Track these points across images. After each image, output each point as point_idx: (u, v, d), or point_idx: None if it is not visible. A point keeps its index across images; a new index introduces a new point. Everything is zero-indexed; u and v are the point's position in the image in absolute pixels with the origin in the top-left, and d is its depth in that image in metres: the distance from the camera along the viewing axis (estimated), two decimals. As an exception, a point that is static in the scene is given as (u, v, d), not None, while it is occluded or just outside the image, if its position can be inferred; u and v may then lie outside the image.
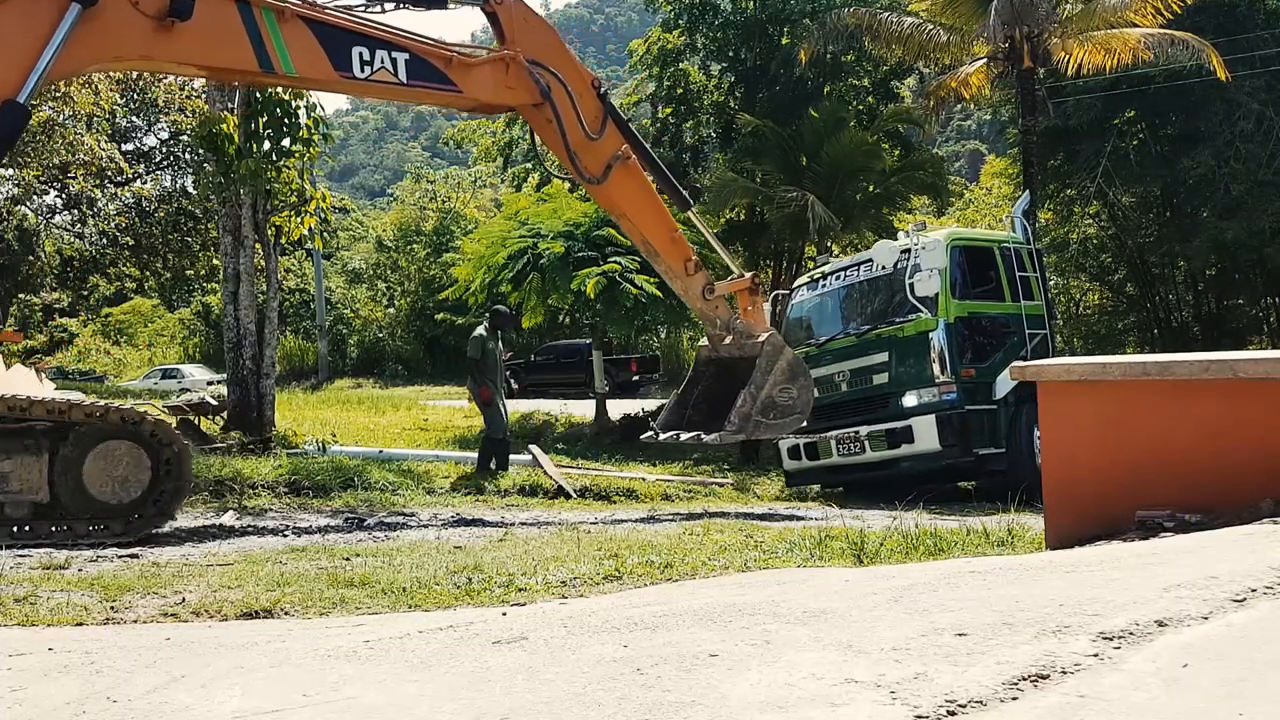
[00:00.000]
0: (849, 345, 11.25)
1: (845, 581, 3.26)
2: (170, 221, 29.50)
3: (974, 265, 10.87)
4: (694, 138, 25.57)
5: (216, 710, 2.14)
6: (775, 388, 9.10)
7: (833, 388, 11.24)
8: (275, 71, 7.18)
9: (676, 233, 9.34)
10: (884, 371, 10.76)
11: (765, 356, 9.07)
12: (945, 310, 10.34)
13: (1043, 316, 11.11)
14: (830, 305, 12.07)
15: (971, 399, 10.26)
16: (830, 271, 12.10)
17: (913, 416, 10.33)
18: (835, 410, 11.13)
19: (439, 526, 7.67)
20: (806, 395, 9.38)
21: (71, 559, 5.40)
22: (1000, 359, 10.40)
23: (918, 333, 10.42)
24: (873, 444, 10.68)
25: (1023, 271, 11.03)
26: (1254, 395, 3.91)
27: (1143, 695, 1.73)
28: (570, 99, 8.37)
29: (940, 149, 45.69)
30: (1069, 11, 17.96)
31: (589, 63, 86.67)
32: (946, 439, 10.10)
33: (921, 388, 10.36)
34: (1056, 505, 4.43)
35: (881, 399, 10.78)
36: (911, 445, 10.29)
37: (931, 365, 10.24)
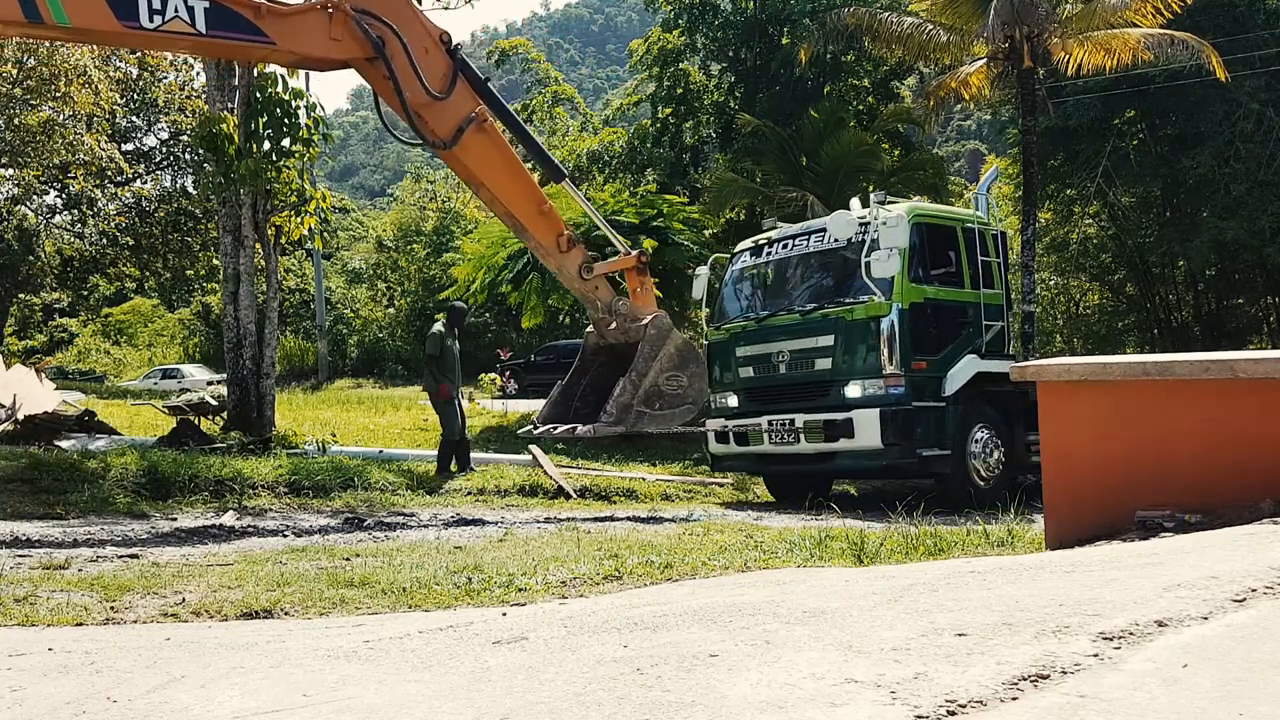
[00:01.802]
0: (792, 323, 10.18)
1: (845, 581, 3.26)
2: (170, 221, 29.51)
3: (934, 245, 10.02)
4: (694, 138, 25.58)
5: (216, 710, 2.14)
6: (661, 375, 8.46)
7: (770, 368, 10.29)
8: (44, 21, 6.47)
9: (546, 205, 8.60)
10: (828, 356, 9.79)
11: (649, 341, 8.43)
12: (900, 294, 9.45)
13: (1002, 307, 10.33)
14: (774, 276, 10.93)
15: (920, 394, 9.47)
16: (778, 238, 10.96)
17: (855, 409, 9.43)
18: (771, 394, 10.27)
19: (439, 526, 7.67)
20: (699, 384, 8.75)
21: (71, 559, 5.40)
22: (953, 351, 9.79)
23: (868, 317, 9.51)
24: (809, 435, 9.73)
25: (984, 256, 10.26)
26: (1254, 395, 3.91)
27: (1143, 695, 1.73)
28: (407, 54, 7.63)
29: (940, 149, 45.72)
30: (1069, 11, 17.95)
31: (589, 62, 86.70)
32: (889, 437, 9.24)
33: (867, 378, 9.49)
34: (1056, 505, 4.43)
35: (822, 386, 9.81)
36: (851, 440, 9.40)
37: (880, 355, 9.39)
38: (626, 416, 8.33)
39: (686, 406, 8.71)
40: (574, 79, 69.21)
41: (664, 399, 8.56)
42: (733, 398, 10.64)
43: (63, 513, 7.56)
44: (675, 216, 17.20)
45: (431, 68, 7.84)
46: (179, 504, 8.28)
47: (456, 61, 7.99)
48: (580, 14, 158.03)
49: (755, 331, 10.48)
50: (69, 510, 7.64)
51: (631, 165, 24.55)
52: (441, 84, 7.88)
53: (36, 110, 22.60)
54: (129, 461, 8.83)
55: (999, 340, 10.19)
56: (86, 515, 7.60)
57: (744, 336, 10.56)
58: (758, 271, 11.13)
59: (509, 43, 27.95)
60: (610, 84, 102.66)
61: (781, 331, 10.23)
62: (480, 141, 8.14)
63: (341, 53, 7.65)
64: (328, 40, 7.52)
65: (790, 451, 9.98)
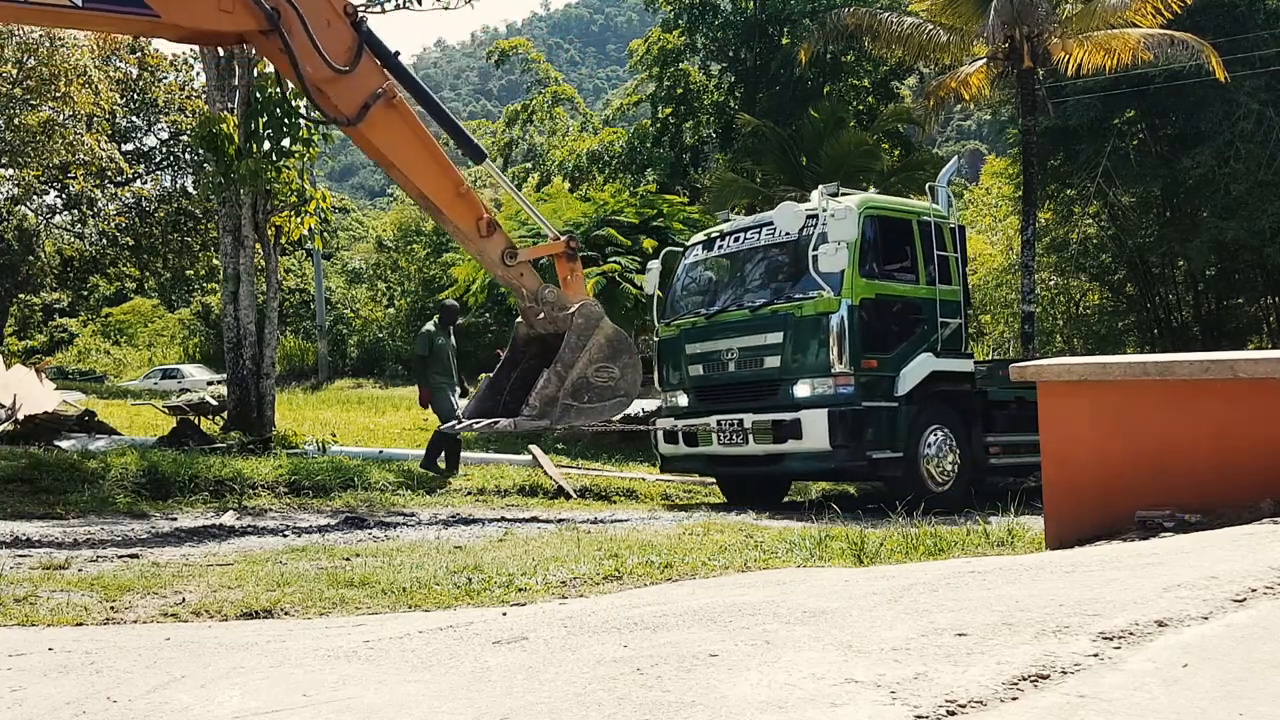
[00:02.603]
0: (741, 320, 9.78)
1: (845, 581, 3.26)
2: (170, 221, 29.53)
3: (888, 239, 9.62)
4: (694, 138, 25.59)
5: (216, 710, 2.14)
6: (591, 366, 8.10)
7: (720, 367, 9.91)
8: None
9: (463, 187, 8.22)
10: (777, 354, 9.40)
11: (576, 331, 8.09)
12: (850, 290, 9.06)
13: (959, 303, 9.90)
14: (726, 270, 10.59)
15: (871, 394, 9.11)
16: (729, 231, 10.58)
17: (803, 409, 9.05)
18: (720, 393, 9.93)
19: (439, 526, 7.67)
20: (632, 375, 8.37)
21: (71, 559, 5.40)
22: (907, 349, 9.43)
23: (817, 313, 9.12)
24: (757, 435, 9.36)
25: (941, 250, 9.84)
26: (1254, 395, 3.91)
27: (1143, 695, 1.73)
28: (305, 26, 7.26)
29: (940, 149, 45.71)
30: (1069, 12, 17.96)
31: (589, 62, 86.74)
32: (838, 438, 8.87)
33: (816, 377, 9.11)
34: (1056, 505, 4.43)
35: (771, 385, 9.44)
36: (799, 441, 9.04)
37: (830, 352, 9.01)
38: (551, 410, 8.00)
39: (619, 399, 8.34)
40: (574, 79, 69.18)
41: (594, 391, 8.19)
42: (682, 396, 10.34)
43: (63, 513, 7.56)
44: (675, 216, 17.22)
45: (334, 41, 7.45)
46: (179, 504, 8.28)
47: (362, 34, 7.60)
48: (580, 14, 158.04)
49: (705, 328, 10.13)
50: (69, 510, 7.63)
51: (631, 165, 24.57)
52: (345, 58, 7.49)
53: (36, 110, 22.61)
54: (129, 461, 8.83)
55: (955, 338, 9.82)
56: (86, 515, 7.60)
57: (693, 333, 10.20)
58: (709, 266, 10.79)
59: (509, 43, 27.96)
60: (610, 84, 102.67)
61: (731, 328, 9.87)
62: (389, 119, 7.74)
63: (233, 25, 7.25)
64: (217, 12, 7.12)
65: (739, 453, 9.63)
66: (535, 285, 8.49)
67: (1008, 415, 10.05)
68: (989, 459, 9.69)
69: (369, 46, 7.64)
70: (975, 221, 36.27)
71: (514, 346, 8.87)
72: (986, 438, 9.71)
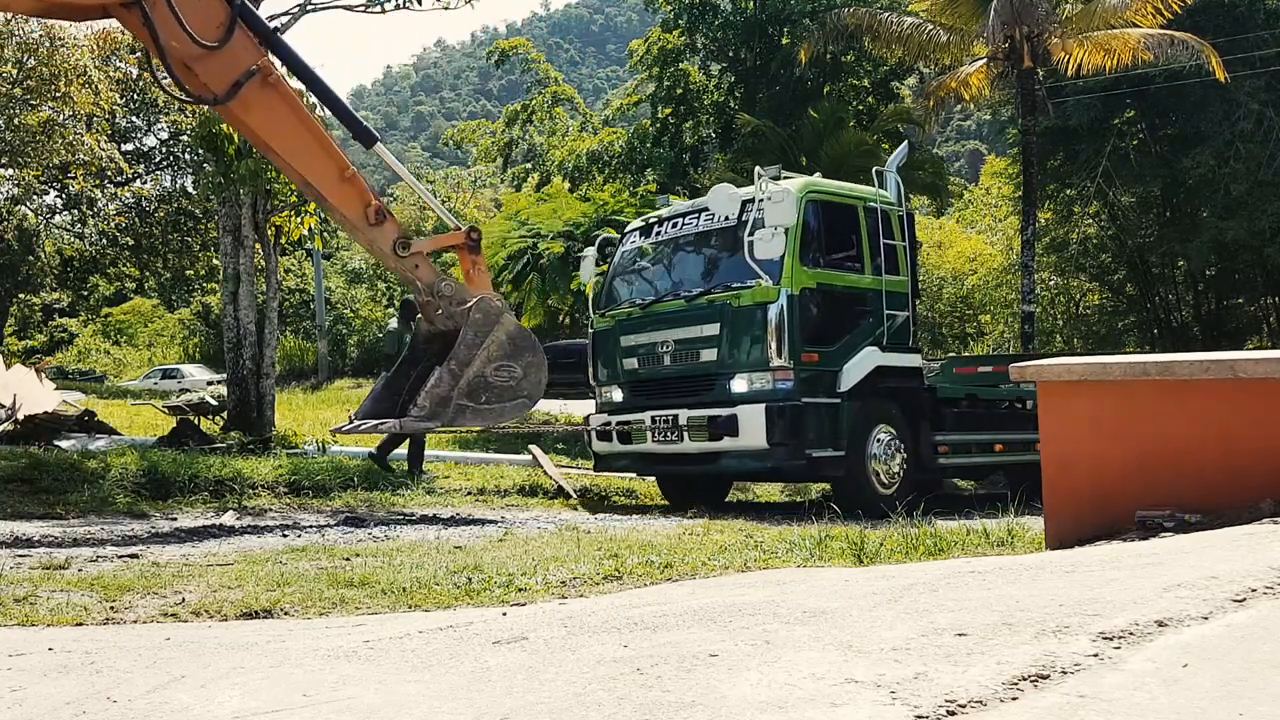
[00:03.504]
0: (676, 310, 9.30)
1: (845, 581, 3.26)
2: (170, 221, 29.53)
3: (832, 226, 9.12)
4: (694, 138, 25.60)
5: (216, 710, 2.14)
6: (490, 364, 7.71)
7: (655, 360, 9.43)
8: None
9: (349, 172, 7.79)
10: (713, 346, 8.93)
11: (473, 327, 7.71)
12: (790, 279, 8.59)
13: (907, 295, 9.43)
14: (663, 258, 10.07)
15: (812, 389, 8.64)
16: (668, 217, 10.06)
17: (740, 405, 8.59)
18: (655, 388, 9.46)
19: (439, 526, 7.66)
20: (536, 375, 7.98)
21: (71, 559, 5.40)
22: (851, 342, 8.97)
23: (755, 303, 8.65)
24: (693, 433, 8.88)
25: (889, 239, 9.38)
26: (1254, 395, 3.91)
27: (1143, 695, 1.73)
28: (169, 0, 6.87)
29: (940, 149, 45.74)
30: (1069, 12, 17.98)
31: (589, 62, 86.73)
32: (775, 436, 8.40)
33: (754, 371, 8.65)
34: (1056, 505, 4.43)
35: (708, 380, 8.98)
36: (735, 439, 8.57)
37: (768, 345, 8.53)
38: (443, 410, 7.61)
39: (520, 400, 7.94)
40: (574, 79, 69.22)
41: (492, 391, 7.77)
42: (617, 391, 9.85)
43: (63, 513, 7.56)
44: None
45: (204, 15, 7.04)
46: (179, 504, 8.28)
47: (235, 8, 7.19)
48: (580, 14, 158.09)
49: (640, 319, 9.62)
50: (69, 510, 7.63)
51: (631, 165, 24.58)
52: (216, 33, 7.07)
53: (36, 110, 22.61)
54: (129, 461, 8.83)
55: (903, 332, 9.32)
56: (86, 515, 7.60)
57: (629, 324, 9.71)
58: (647, 253, 10.24)
59: (509, 43, 27.97)
60: (610, 84, 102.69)
61: (666, 319, 9.36)
62: (265, 99, 7.32)
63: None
64: None
65: (674, 451, 9.14)
66: (431, 278, 8.07)
67: (958, 413, 9.79)
68: (937, 459, 9.33)
69: (243, 21, 7.25)
70: (975, 221, 36.30)
71: (414, 344, 8.51)
72: (935, 436, 9.34)
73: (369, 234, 7.86)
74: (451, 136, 30.68)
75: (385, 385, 8.41)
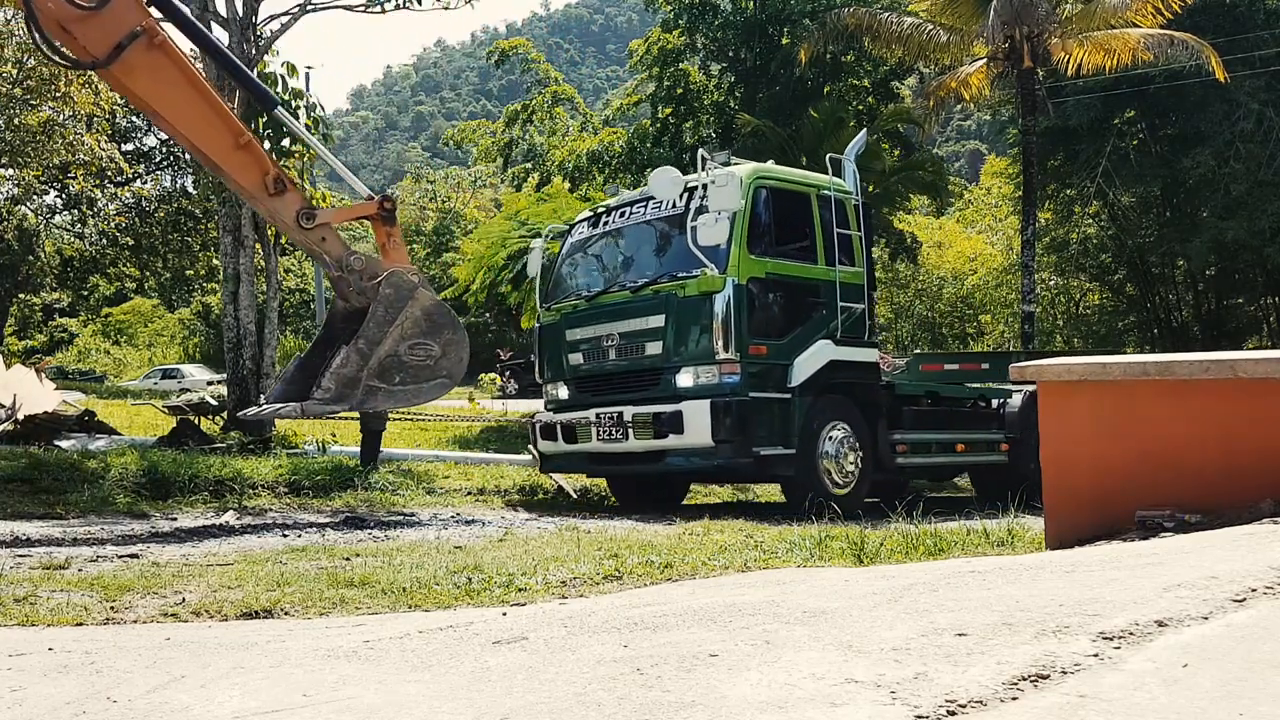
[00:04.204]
0: (621, 302, 8.94)
1: (845, 581, 3.26)
2: (170, 221, 29.53)
3: (783, 213, 8.75)
4: (694, 138, 25.59)
5: (216, 710, 2.14)
6: (404, 343, 7.35)
7: (600, 355, 9.08)
8: None
9: (244, 138, 7.41)
10: (658, 339, 8.56)
11: (384, 303, 7.34)
12: (737, 268, 8.23)
13: (862, 287, 9.09)
14: (611, 249, 9.70)
15: (761, 384, 8.29)
16: (615, 206, 9.72)
17: (685, 400, 8.25)
18: (601, 384, 9.11)
19: (439, 526, 7.66)
20: (456, 353, 7.61)
21: (71, 559, 5.40)
22: (802, 335, 8.64)
23: (700, 294, 8.28)
24: (638, 430, 8.48)
25: (844, 229, 9.04)
26: (1254, 395, 3.91)
27: (1143, 695, 1.73)
28: None
29: (940, 149, 45.74)
30: (1069, 12, 17.99)
31: (589, 62, 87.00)
32: (720, 432, 8.03)
33: (700, 365, 8.28)
34: (1056, 505, 4.43)
35: (653, 374, 8.62)
36: (680, 436, 8.22)
37: (714, 337, 8.17)
38: (351, 392, 7.24)
39: (439, 381, 7.57)
40: (574, 79, 69.27)
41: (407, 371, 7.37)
42: (563, 388, 9.54)
43: (63, 513, 7.56)
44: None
45: None
46: (179, 504, 8.28)
47: None
48: (580, 14, 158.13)
49: (585, 312, 9.25)
50: (69, 510, 7.63)
51: (631, 165, 24.57)
52: None
53: (36, 110, 22.60)
54: (129, 461, 8.83)
55: (858, 325, 9.01)
56: (86, 515, 7.60)
57: (574, 317, 9.35)
58: (594, 244, 9.85)
59: (509, 43, 27.97)
60: (610, 84, 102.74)
61: (612, 311, 9.00)
62: (151, 62, 6.94)
63: None
64: None
65: (620, 450, 8.75)
66: (339, 251, 7.71)
67: (918, 412, 9.54)
68: (895, 458, 9.06)
69: None
70: (975, 221, 36.31)
71: (329, 324, 8.16)
72: (893, 435, 9.07)
73: (268, 204, 7.48)
74: (451, 136, 30.68)
75: (298, 367, 7.95)
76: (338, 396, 7.27)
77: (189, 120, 7.25)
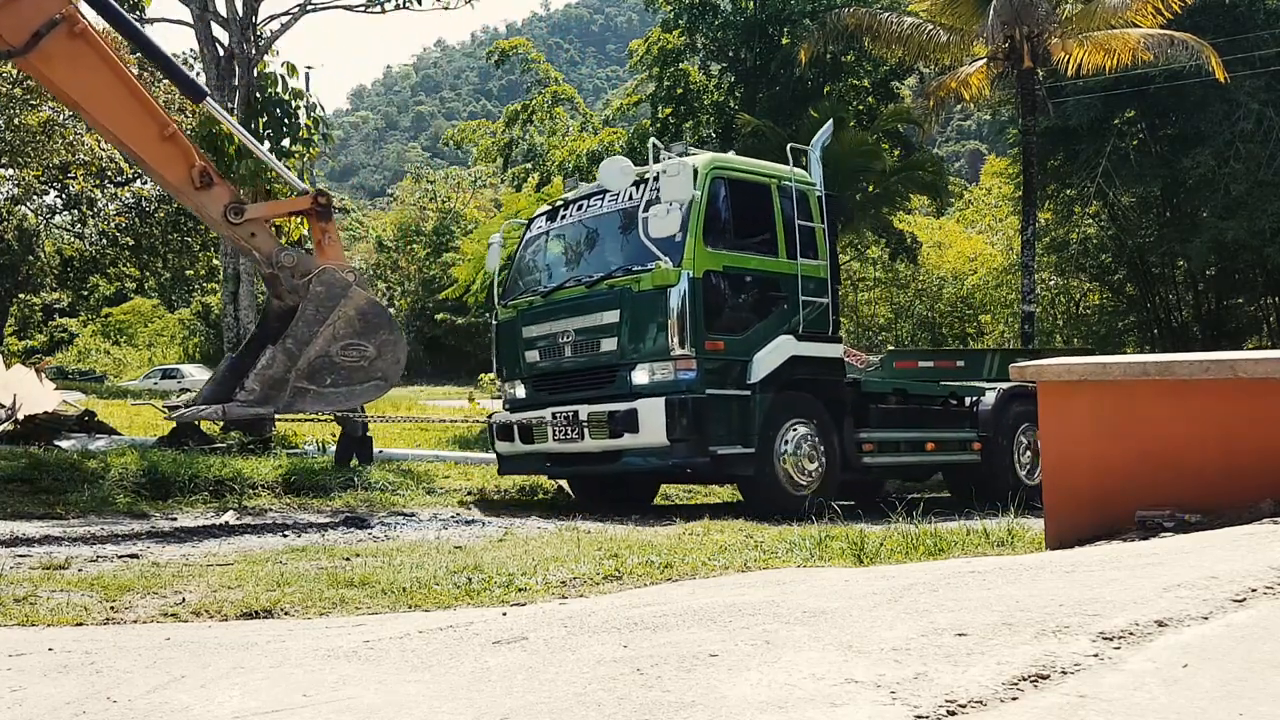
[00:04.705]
0: (577, 297, 8.71)
1: (845, 581, 3.26)
2: (170, 221, 29.53)
3: (742, 205, 8.55)
4: (694, 138, 25.59)
5: (216, 710, 2.14)
6: (336, 344, 7.17)
7: (557, 352, 8.85)
8: None
9: (170, 130, 7.16)
10: (613, 336, 8.34)
11: (314, 301, 7.13)
12: (692, 260, 7.97)
13: (825, 281, 8.84)
14: (569, 243, 9.51)
15: (719, 381, 8.06)
16: (574, 199, 9.49)
17: (640, 398, 8.01)
18: (558, 382, 8.90)
19: (439, 526, 7.67)
20: (393, 354, 7.40)
21: (71, 559, 5.40)
22: (762, 330, 8.42)
23: (655, 288, 8.04)
24: (593, 430, 8.26)
25: (807, 221, 8.80)
26: (1254, 395, 3.91)
27: (1143, 695, 1.73)
28: None
29: (940, 149, 45.78)
30: (1069, 12, 18.00)
31: (589, 62, 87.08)
32: (675, 431, 7.80)
33: (655, 361, 8.06)
34: (1056, 505, 4.43)
35: (609, 371, 8.39)
36: (635, 435, 7.99)
37: (669, 333, 7.94)
38: (277, 394, 7.14)
39: (374, 383, 7.43)
40: (574, 79, 69.28)
41: (339, 373, 7.16)
42: (520, 387, 9.34)
43: (63, 513, 7.56)
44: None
45: None
46: (179, 504, 8.28)
47: None
48: (580, 14, 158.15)
49: (541, 309, 9.04)
50: (69, 510, 7.63)
51: (631, 165, 24.54)
52: None
53: (36, 110, 22.61)
54: (129, 461, 8.83)
55: (821, 320, 8.76)
56: (86, 515, 7.60)
57: (530, 314, 9.16)
58: (552, 239, 9.65)
59: (509, 43, 27.97)
60: (610, 84, 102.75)
61: (567, 307, 8.78)
62: (72, 51, 6.74)
63: None
64: None
65: (576, 450, 8.55)
66: (270, 247, 7.54)
67: (885, 410, 9.32)
68: (861, 457, 8.85)
69: None
70: (975, 221, 36.32)
71: (263, 322, 7.94)
72: (859, 434, 8.86)
73: (195, 198, 7.34)
74: (451, 136, 30.68)
75: (229, 367, 7.83)
76: (262, 399, 7.13)
77: (111, 111, 7.06)
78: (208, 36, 11.74)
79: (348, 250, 49.82)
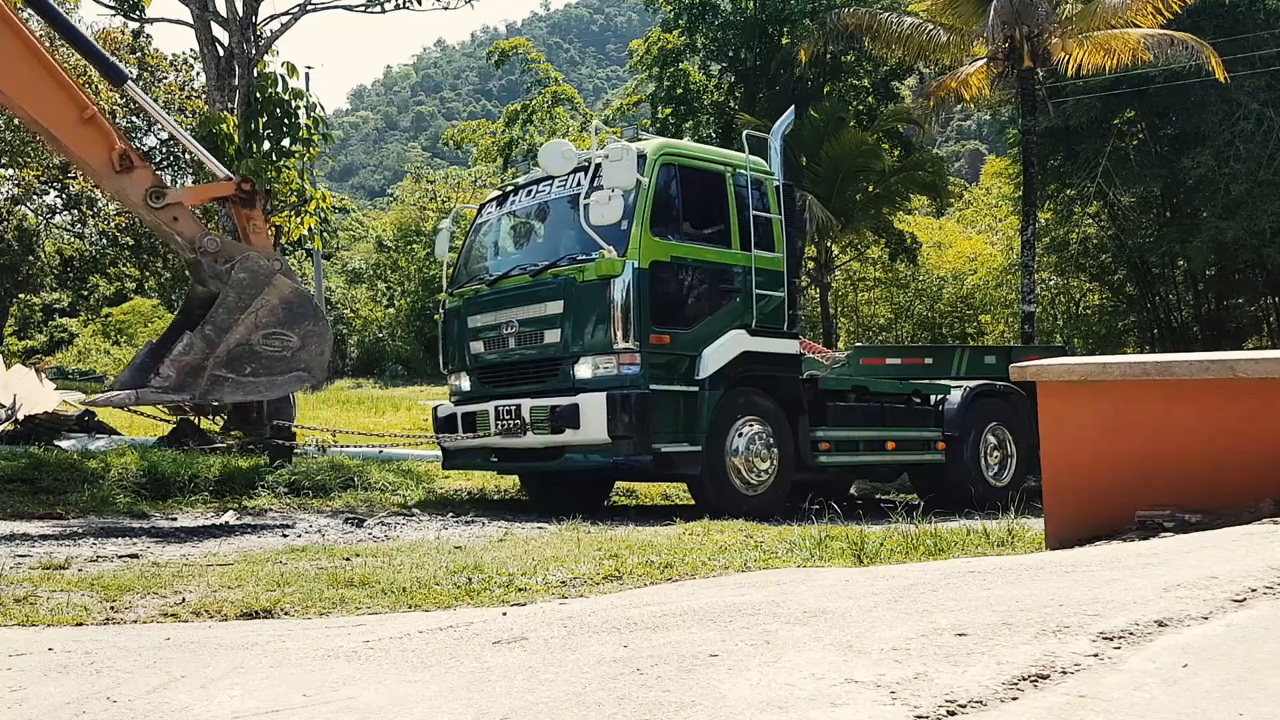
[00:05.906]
0: (521, 287, 8.43)
1: (845, 581, 3.26)
2: (170, 221, 29.52)
3: (693, 193, 8.26)
4: (694, 138, 25.60)
5: (216, 710, 2.14)
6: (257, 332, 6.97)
7: (501, 343, 8.59)
8: None
9: (89, 112, 6.95)
10: (557, 327, 8.08)
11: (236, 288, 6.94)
12: (638, 250, 7.71)
13: (781, 274, 8.54)
14: (517, 230, 9.29)
15: (666, 376, 7.81)
16: (524, 184, 9.21)
17: (582, 393, 7.75)
18: (503, 374, 8.64)
19: (439, 526, 7.66)
20: (317, 345, 7.25)
21: (71, 559, 5.40)
22: (712, 324, 8.14)
23: (599, 278, 7.76)
24: (536, 425, 8.01)
25: (763, 211, 8.53)
26: (1254, 395, 3.91)
27: (1143, 695, 1.73)
28: None
29: (940, 149, 45.76)
30: (1069, 12, 17.98)
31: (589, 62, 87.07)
32: (617, 428, 7.54)
33: (598, 355, 7.79)
34: (1056, 505, 4.43)
35: (552, 364, 8.14)
36: (577, 431, 7.73)
37: (612, 325, 7.70)
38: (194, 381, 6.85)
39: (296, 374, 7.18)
40: (574, 79, 69.26)
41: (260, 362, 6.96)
42: (465, 379, 9.07)
43: (63, 513, 7.55)
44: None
45: None
46: (179, 504, 8.28)
47: None
48: (580, 14, 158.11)
49: (487, 298, 8.77)
50: (69, 510, 7.63)
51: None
52: None
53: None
54: (129, 461, 8.83)
55: (777, 314, 8.49)
56: (86, 515, 7.59)
57: (475, 303, 8.89)
58: (501, 225, 9.39)
59: (509, 43, 27.99)
60: (610, 84, 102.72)
61: (512, 297, 8.50)
62: None
63: None
64: None
65: (519, 445, 8.28)
66: (194, 232, 7.26)
67: (844, 407, 9.08)
68: (817, 456, 8.60)
69: None
70: (975, 221, 36.32)
71: (186, 308, 7.76)
72: (815, 432, 8.59)
73: (115, 183, 7.10)
74: (451, 136, 30.71)
75: (149, 353, 7.51)
76: (178, 385, 6.91)
77: (28, 91, 6.80)
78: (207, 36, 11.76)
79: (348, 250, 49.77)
